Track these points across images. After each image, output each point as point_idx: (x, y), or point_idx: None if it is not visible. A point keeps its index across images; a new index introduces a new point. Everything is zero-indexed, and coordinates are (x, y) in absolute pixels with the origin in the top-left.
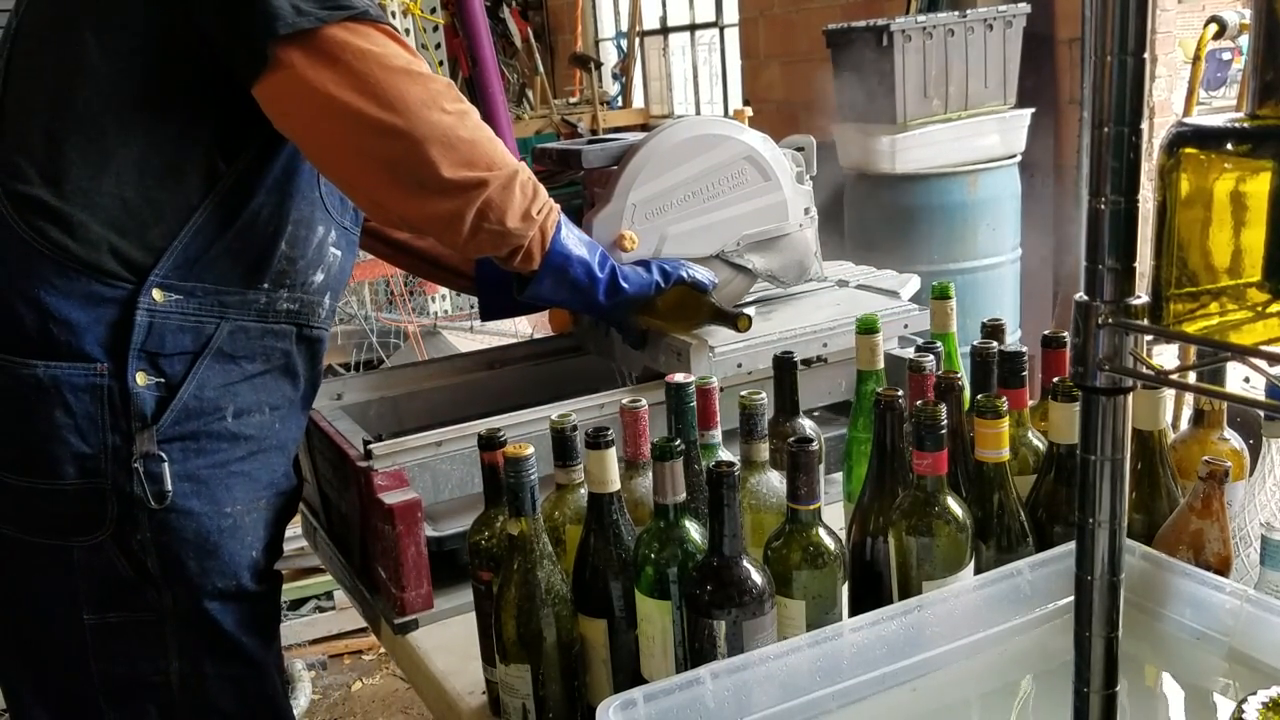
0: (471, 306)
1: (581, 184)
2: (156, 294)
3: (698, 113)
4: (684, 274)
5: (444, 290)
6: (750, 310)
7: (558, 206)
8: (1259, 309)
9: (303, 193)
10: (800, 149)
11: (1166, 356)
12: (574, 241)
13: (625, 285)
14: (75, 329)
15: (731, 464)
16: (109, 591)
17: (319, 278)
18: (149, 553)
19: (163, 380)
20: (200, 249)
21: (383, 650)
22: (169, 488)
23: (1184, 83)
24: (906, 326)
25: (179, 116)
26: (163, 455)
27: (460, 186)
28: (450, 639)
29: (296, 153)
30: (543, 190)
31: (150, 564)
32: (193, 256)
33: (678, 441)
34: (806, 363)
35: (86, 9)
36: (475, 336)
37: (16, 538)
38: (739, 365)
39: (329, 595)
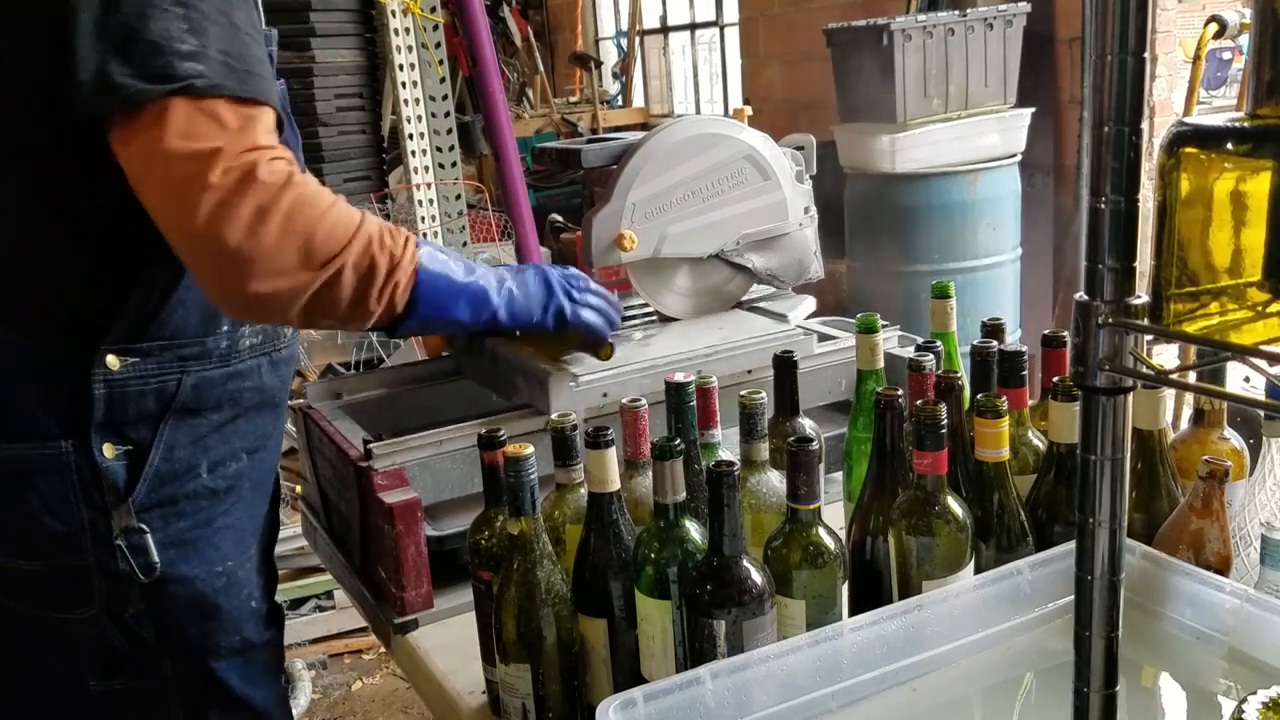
0: None
1: (581, 183)
2: (111, 360)
3: (698, 112)
4: (584, 319)
5: None
6: (642, 333)
7: (410, 269)
8: (1259, 309)
9: None
10: (800, 148)
11: (1166, 356)
12: (437, 294)
13: (506, 321)
14: (28, 407)
15: (731, 464)
16: (110, 660)
17: None
18: (144, 624)
19: (130, 448)
20: (155, 305)
21: (383, 650)
22: (155, 559)
23: (1184, 82)
24: (791, 352)
25: (85, 182)
26: (143, 527)
27: (273, 299)
28: (450, 639)
29: None
30: (379, 266)
31: (146, 634)
32: (147, 315)
33: (678, 441)
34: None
35: None
36: None
37: (15, 609)
38: (604, 395)
39: (329, 595)
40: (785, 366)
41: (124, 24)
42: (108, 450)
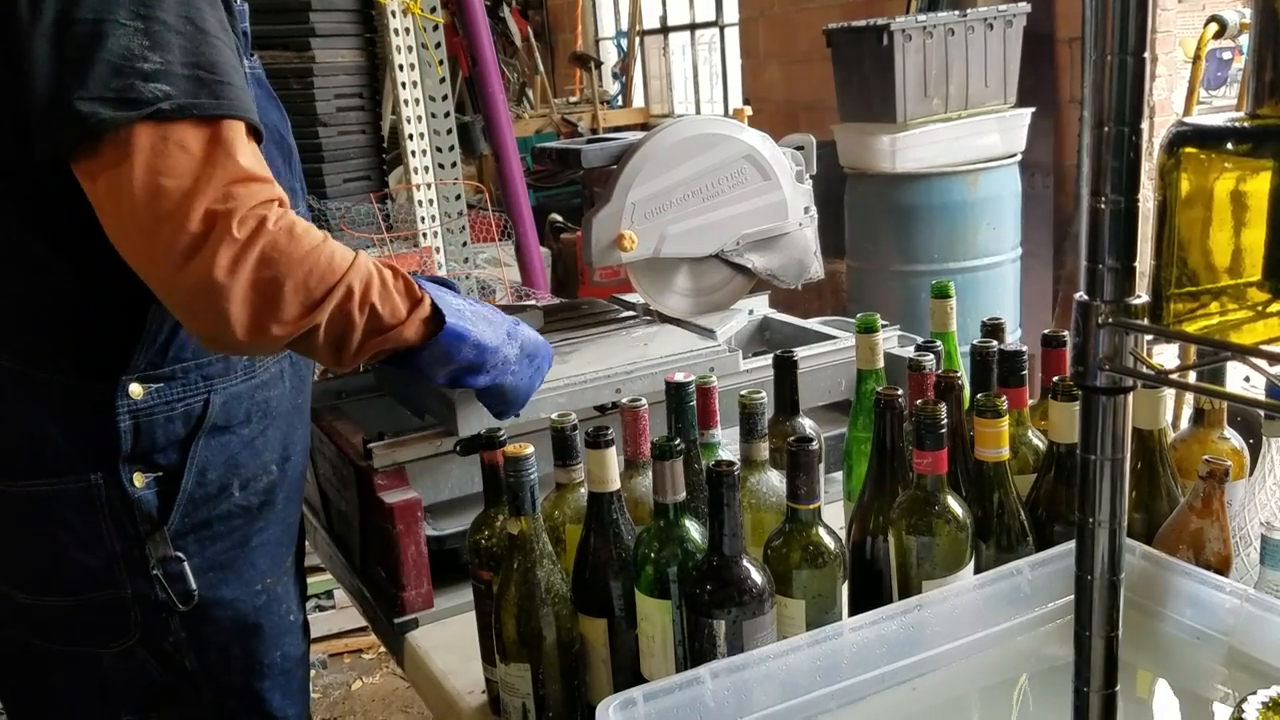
0: None
1: (581, 183)
2: (135, 390)
3: (698, 112)
4: (504, 381)
5: None
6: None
7: (428, 302)
8: (1259, 309)
9: None
10: (800, 148)
11: (1166, 356)
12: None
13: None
14: (56, 443)
15: (731, 463)
16: (147, 695)
17: None
18: (185, 652)
19: (161, 474)
20: (173, 328)
21: (383, 649)
22: (193, 586)
23: (1184, 82)
24: (712, 370)
25: (80, 211)
26: (180, 555)
27: (234, 347)
28: (450, 638)
29: None
30: (355, 317)
31: (188, 663)
32: (165, 339)
33: (678, 441)
34: (601, 409)
35: None
36: None
37: (45, 647)
38: (516, 415)
39: (329, 594)
40: (785, 366)
41: (78, 44)
42: (138, 480)
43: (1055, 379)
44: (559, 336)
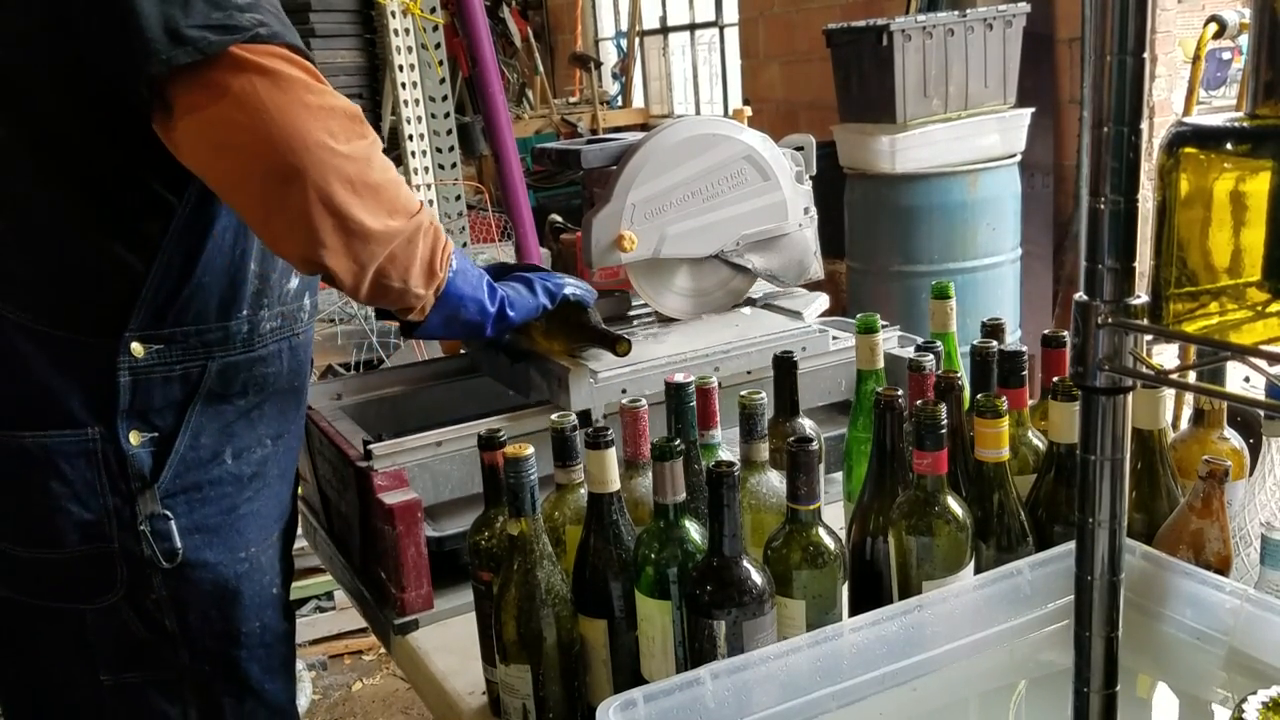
0: None
1: (581, 184)
2: (135, 348)
3: (698, 112)
4: (568, 292)
5: None
6: (654, 329)
7: (453, 245)
8: (1259, 309)
9: None
10: (799, 149)
11: (1166, 356)
12: (466, 280)
13: (512, 313)
14: (58, 396)
15: (731, 464)
16: (126, 652)
17: (294, 283)
18: (166, 611)
19: (156, 434)
20: (171, 291)
21: (383, 650)
22: (179, 545)
23: (1184, 83)
24: (804, 349)
25: (105, 160)
26: (168, 513)
27: (363, 240)
28: (450, 639)
29: None
30: (443, 233)
31: (168, 623)
32: (165, 301)
33: (678, 441)
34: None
35: None
36: None
37: (28, 603)
38: (623, 391)
39: (329, 595)
40: (785, 367)
41: None
42: (134, 437)
43: (1055, 379)
44: (651, 319)
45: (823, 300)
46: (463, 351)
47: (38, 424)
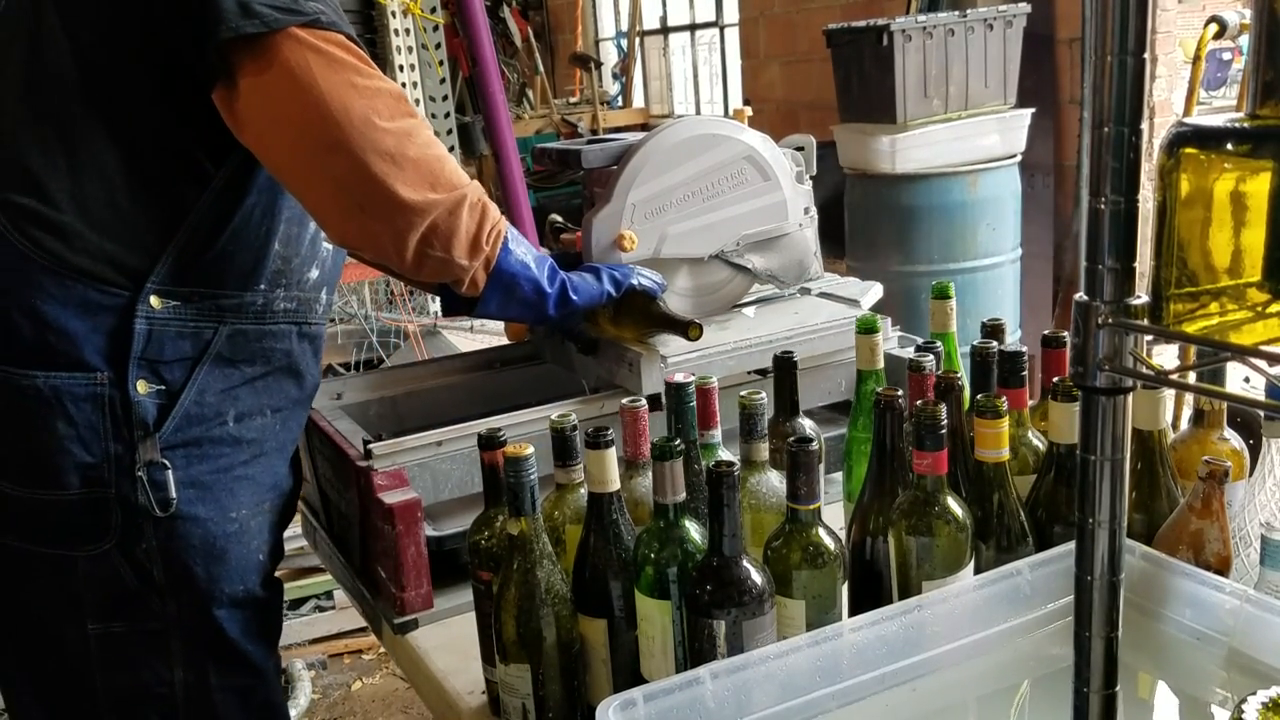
0: None
1: (581, 184)
2: (154, 300)
3: (698, 113)
4: (635, 281)
5: None
6: (718, 317)
7: (505, 224)
8: (1259, 309)
9: None
10: (800, 149)
11: (1166, 356)
12: (521, 258)
13: (575, 297)
14: (74, 338)
15: (731, 464)
16: (114, 601)
17: (314, 274)
18: (154, 561)
19: (163, 388)
20: (195, 253)
21: (383, 650)
22: (173, 495)
23: (1184, 83)
24: None
25: (157, 121)
26: (166, 463)
27: (402, 209)
28: (450, 639)
29: None
30: (492, 210)
31: (156, 573)
32: (188, 261)
33: (678, 441)
34: (762, 372)
35: (49, 12)
36: (475, 336)
37: (19, 547)
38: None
39: (329, 595)
40: (785, 367)
41: None
42: (141, 386)
43: (1055, 379)
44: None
45: (878, 289)
46: (527, 339)
47: (50, 365)
